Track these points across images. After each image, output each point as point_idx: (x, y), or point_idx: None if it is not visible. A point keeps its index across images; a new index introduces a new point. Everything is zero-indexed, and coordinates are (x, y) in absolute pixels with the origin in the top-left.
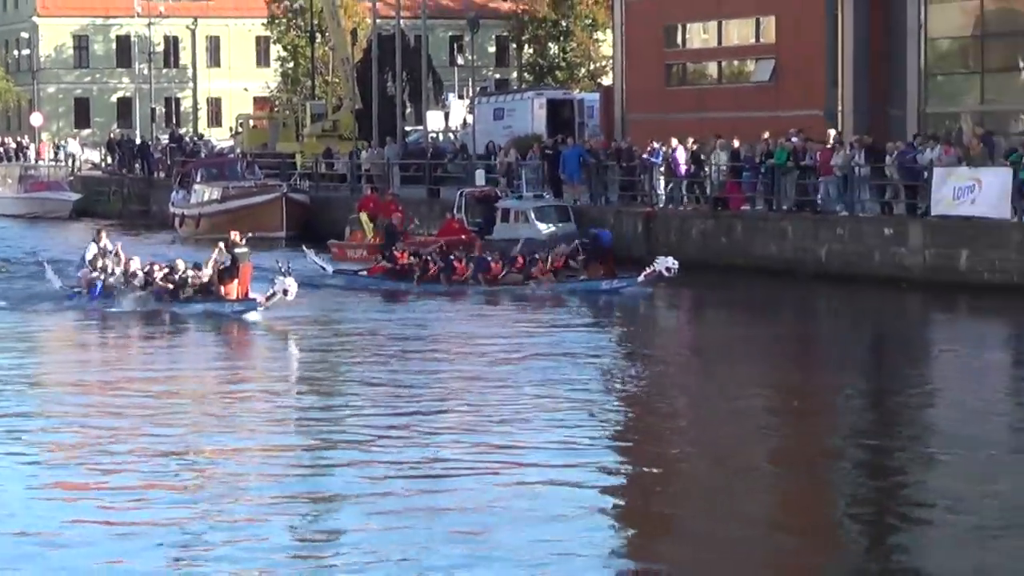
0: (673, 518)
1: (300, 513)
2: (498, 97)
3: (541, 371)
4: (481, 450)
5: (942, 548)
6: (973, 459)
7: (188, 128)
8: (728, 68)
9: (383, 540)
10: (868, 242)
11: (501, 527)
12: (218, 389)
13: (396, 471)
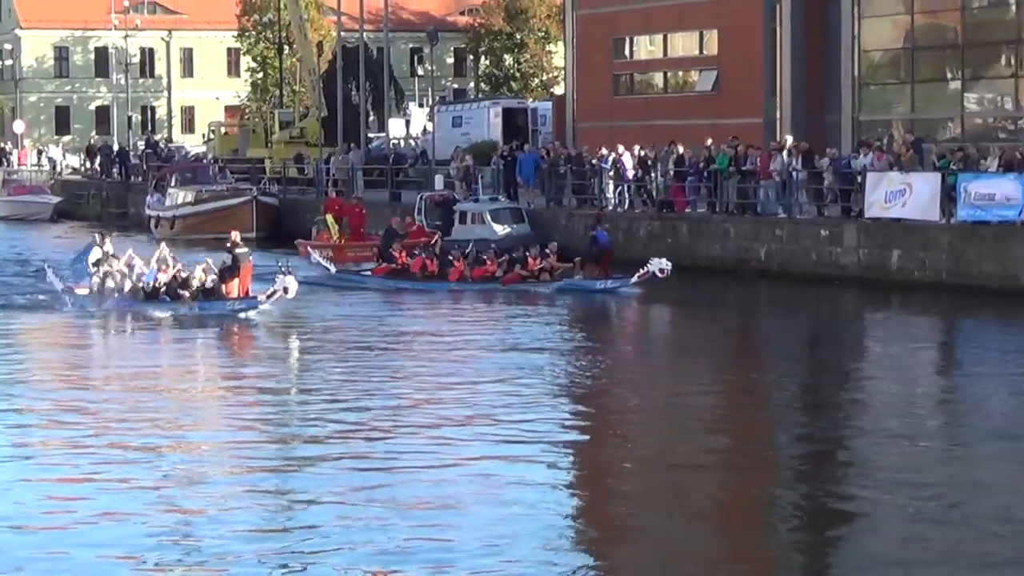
0: (621, 508)
1: (266, 505)
2: (456, 106)
3: (496, 367)
4: (441, 444)
5: (877, 534)
6: (905, 449)
7: (163, 135)
8: (673, 78)
9: (346, 530)
10: (805, 243)
11: (458, 517)
12: (195, 385)
13: (361, 464)
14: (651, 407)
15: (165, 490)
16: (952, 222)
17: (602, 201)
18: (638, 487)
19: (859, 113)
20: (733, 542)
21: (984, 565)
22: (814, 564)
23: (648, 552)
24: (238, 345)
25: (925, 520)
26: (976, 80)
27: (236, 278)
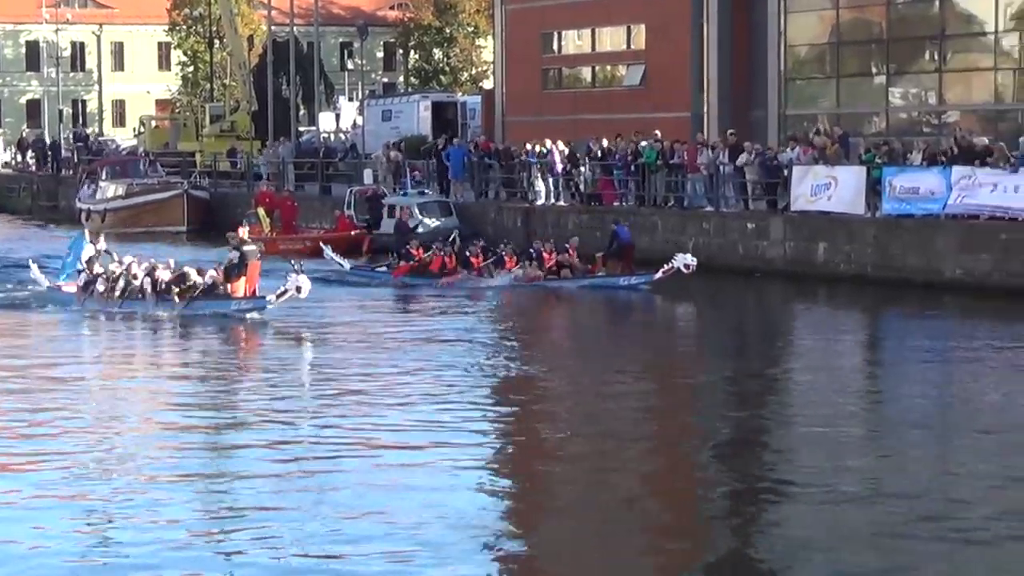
0: (550, 495)
1: (200, 491)
2: (386, 100)
3: (434, 359)
4: (377, 431)
5: (801, 518)
6: (828, 438)
7: (94, 128)
8: (601, 73)
9: (276, 515)
10: (732, 236)
11: (386, 502)
12: (150, 377)
13: (294, 452)
14: (578, 398)
15: (104, 476)
16: (877, 215)
17: (531, 194)
18: (564, 477)
19: (785, 108)
20: (658, 531)
21: (903, 550)
22: (739, 549)
23: (574, 537)
24: (213, 341)
25: (847, 506)
26: (900, 75)
27: (243, 277)
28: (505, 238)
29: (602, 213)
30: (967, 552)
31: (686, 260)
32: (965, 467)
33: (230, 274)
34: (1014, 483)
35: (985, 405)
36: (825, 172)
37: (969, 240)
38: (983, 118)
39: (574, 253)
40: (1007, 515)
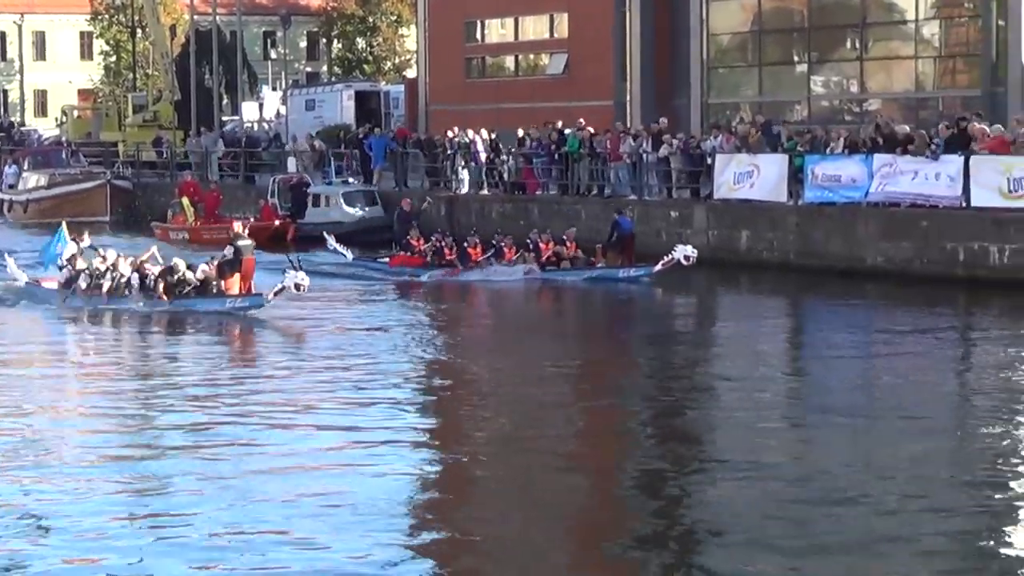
0: (470, 487)
1: (114, 477)
2: (309, 89)
3: (375, 348)
4: (303, 431)
5: (721, 497)
6: (750, 421)
7: (15, 118)
8: (524, 61)
9: (189, 499)
10: (656, 224)
11: (299, 485)
12: (93, 374)
13: (222, 454)
14: (505, 387)
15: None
16: (799, 203)
17: (454, 183)
18: (482, 462)
19: (708, 96)
20: (577, 512)
21: (823, 545)
22: (658, 545)
23: (491, 520)
24: (188, 337)
25: (768, 498)
26: (822, 63)
27: (237, 273)
28: (500, 229)
29: (525, 202)
30: (883, 527)
31: (686, 252)
32: (883, 449)
33: (224, 270)
34: (928, 463)
35: (903, 390)
36: (748, 160)
37: (890, 227)
38: (904, 106)
39: (573, 245)
40: (922, 493)
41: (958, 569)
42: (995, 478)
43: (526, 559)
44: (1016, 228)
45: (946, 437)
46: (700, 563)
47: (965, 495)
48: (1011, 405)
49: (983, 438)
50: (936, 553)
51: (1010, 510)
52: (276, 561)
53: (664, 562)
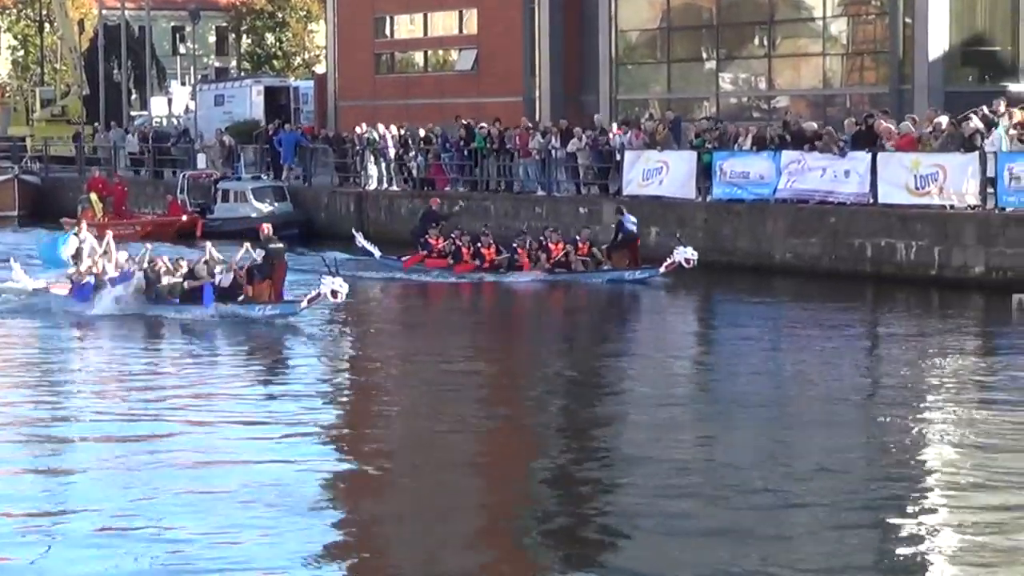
0: (380, 478)
1: (29, 465)
2: (218, 84)
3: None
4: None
5: (630, 497)
6: (658, 415)
7: None
8: (433, 57)
9: (103, 492)
10: (565, 220)
11: (220, 484)
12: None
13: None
14: (421, 388)
15: None
16: (708, 200)
17: (363, 179)
18: (396, 460)
19: (617, 93)
20: (487, 506)
21: (731, 516)
22: (563, 542)
23: (402, 516)
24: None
25: (678, 491)
26: (730, 60)
27: (268, 278)
28: (522, 228)
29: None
30: (792, 517)
31: (686, 254)
32: (789, 442)
33: (253, 275)
34: (834, 455)
35: (810, 385)
36: (656, 157)
37: (798, 224)
38: (812, 103)
39: (586, 246)
40: (829, 485)
41: (860, 559)
42: (897, 469)
43: (437, 551)
44: (922, 224)
45: (851, 430)
46: (609, 557)
47: (869, 486)
48: (913, 399)
49: (886, 430)
50: (840, 543)
51: (910, 500)
52: (185, 556)
53: (574, 555)
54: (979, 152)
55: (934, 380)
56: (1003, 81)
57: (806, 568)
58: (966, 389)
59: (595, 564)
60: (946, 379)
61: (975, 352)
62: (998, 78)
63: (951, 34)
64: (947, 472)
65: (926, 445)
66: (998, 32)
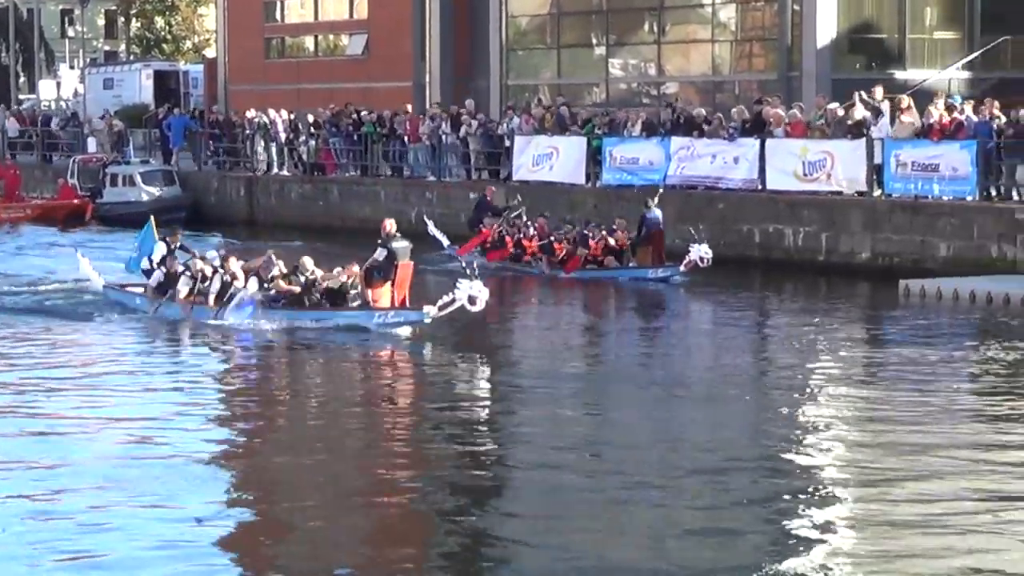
0: (265, 478)
1: None
2: (107, 68)
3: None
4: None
5: (516, 491)
6: (541, 402)
7: None
8: (324, 42)
9: None
10: (456, 205)
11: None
12: None
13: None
14: (315, 385)
15: None
16: (598, 185)
17: (254, 163)
18: (283, 460)
19: (507, 78)
20: (380, 506)
21: (614, 500)
22: (457, 525)
23: (292, 513)
24: None
25: (564, 474)
26: (620, 46)
27: (389, 281)
28: (567, 216)
29: (324, 183)
30: (676, 509)
31: (700, 252)
32: (673, 425)
33: (372, 277)
34: (718, 436)
35: (697, 370)
36: (546, 142)
37: (688, 210)
38: (701, 90)
39: (625, 238)
40: (716, 473)
41: (752, 553)
42: (781, 454)
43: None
44: (810, 211)
45: (736, 415)
46: (499, 553)
47: (755, 474)
48: (800, 384)
49: (772, 415)
50: (731, 533)
51: (792, 485)
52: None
53: (465, 553)
54: (866, 139)
55: (820, 365)
56: (889, 69)
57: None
58: (852, 374)
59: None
60: (832, 364)
61: (861, 337)
62: (885, 66)
63: (839, 22)
64: (829, 455)
65: (812, 430)
66: (885, 20)
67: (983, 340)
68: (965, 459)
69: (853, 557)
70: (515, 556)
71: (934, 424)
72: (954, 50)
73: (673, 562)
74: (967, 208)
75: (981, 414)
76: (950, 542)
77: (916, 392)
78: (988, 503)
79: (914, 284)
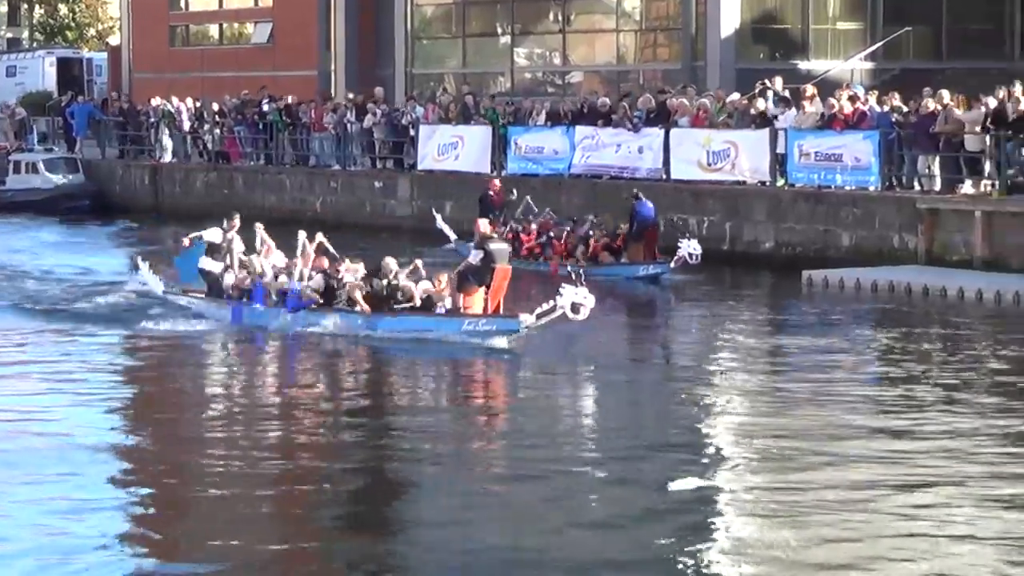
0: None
1: None
2: (10, 55)
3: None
4: None
5: (421, 492)
6: (442, 402)
7: None
8: (229, 30)
9: None
10: (360, 194)
11: None
12: None
13: None
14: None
15: None
16: (503, 174)
17: (158, 151)
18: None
19: (412, 67)
20: (268, 511)
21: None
22: (361, 531)
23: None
24: None
25: (464, 482)
26: (525, 35)
27: (483, 287)
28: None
29: (229, 171)
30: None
31: (689, 249)
32: (570, 414)
33: (465, 282)
34: (615, 423)
35: (604, 360)
36: (451, 131)
37: (593, 199)
38: (606, 79)
39: (622, 236)
40: (609, 457)
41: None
42: (682, 439)
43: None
44: (714, 200)
45: (639, 403)
46: (401, 550)
47: (655, 462)
48: (702, 373)
49: (675, 403)
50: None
51: (692, 470)
52: None
53: (363, 551)
54: (770, 129)
55: (722, 355)
56: (793, 59)
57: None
58: (754, 363)
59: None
60: (734, 353)
61: (764, 327)
62: (788, 55)
63: (743, 12)
64: (729, 441)
65: (712, 416)
66: (788, 10)
67: (884, 329)
68: (865, 444)
69: (755, 546)
70: (415, 553)
71: (834, 411)
72: (857, 41)
73: (573, 552)
74: (869, 198)
75: (880, 401)
76: (849, 524)
77: (817, 381)
78: (886, 488)
79: (817, 274)
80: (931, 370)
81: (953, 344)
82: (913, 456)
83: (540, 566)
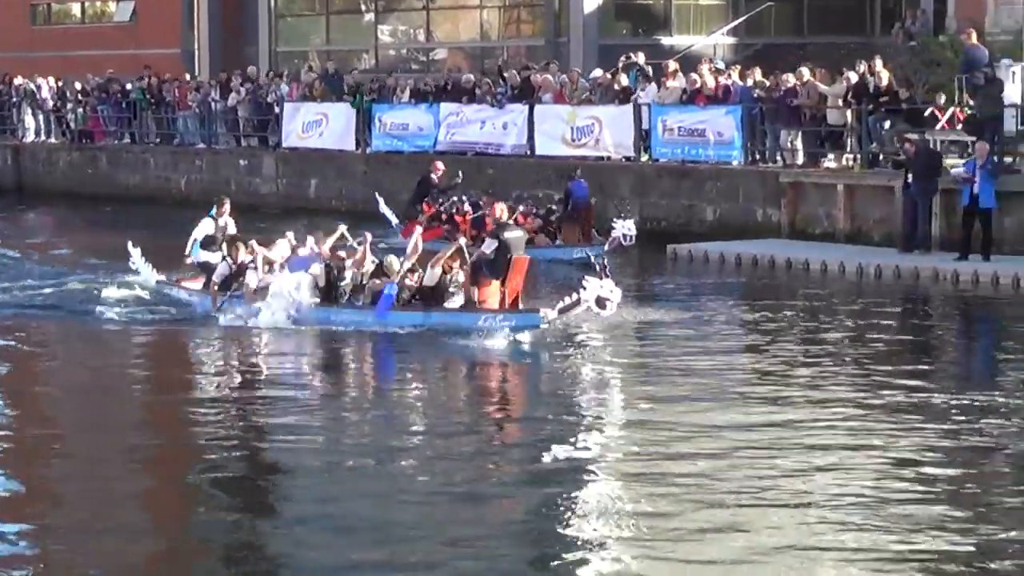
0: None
1: None
2: None
3: None
4: None
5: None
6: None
7: None
8: (91, 8)
9: None
10: (225, 172)
11: None
12: None
13: None
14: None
15: None
16: (368, 152)
17: (20, 131)
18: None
19: (276, 45)
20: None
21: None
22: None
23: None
24: None
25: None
26: (389, 12)
27: (499, 278)
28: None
29: (93, 151)
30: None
31: (624, 230)
32: (436, 393)
33: (479, 273)
34: (477, 401)
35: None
36: (315, 109)
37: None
38: (470, 55)
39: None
40: (473, 435)
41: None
42: (550, 415)
43: None
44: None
45: (506, 381)
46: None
47: (519, 448)
48: (567, 349)
49: (542, 381)
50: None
51: (558, 441)
52: None
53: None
54: (633, 104)
55: (587, 326)
56: (656, 35)
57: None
58: (622, 336)
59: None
60: (600, 326)
61: (629, 300)
62: (651, 31)
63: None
64: (599, 412)
65: (582, 387)
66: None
67: (748, 302)
68: (730, 412)
69: (622, 514)
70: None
71: (700, 381)
72: (719, 16)
73: (444, 524)
74: (733, 172)
75: (744, 370)
76: (715, 490)
77: (682, 353)
78: (751, 454)
79: (681, 248)
80: (793, 340)
81: (814, 315)
82: (777, 424)
83: (409, 540)
